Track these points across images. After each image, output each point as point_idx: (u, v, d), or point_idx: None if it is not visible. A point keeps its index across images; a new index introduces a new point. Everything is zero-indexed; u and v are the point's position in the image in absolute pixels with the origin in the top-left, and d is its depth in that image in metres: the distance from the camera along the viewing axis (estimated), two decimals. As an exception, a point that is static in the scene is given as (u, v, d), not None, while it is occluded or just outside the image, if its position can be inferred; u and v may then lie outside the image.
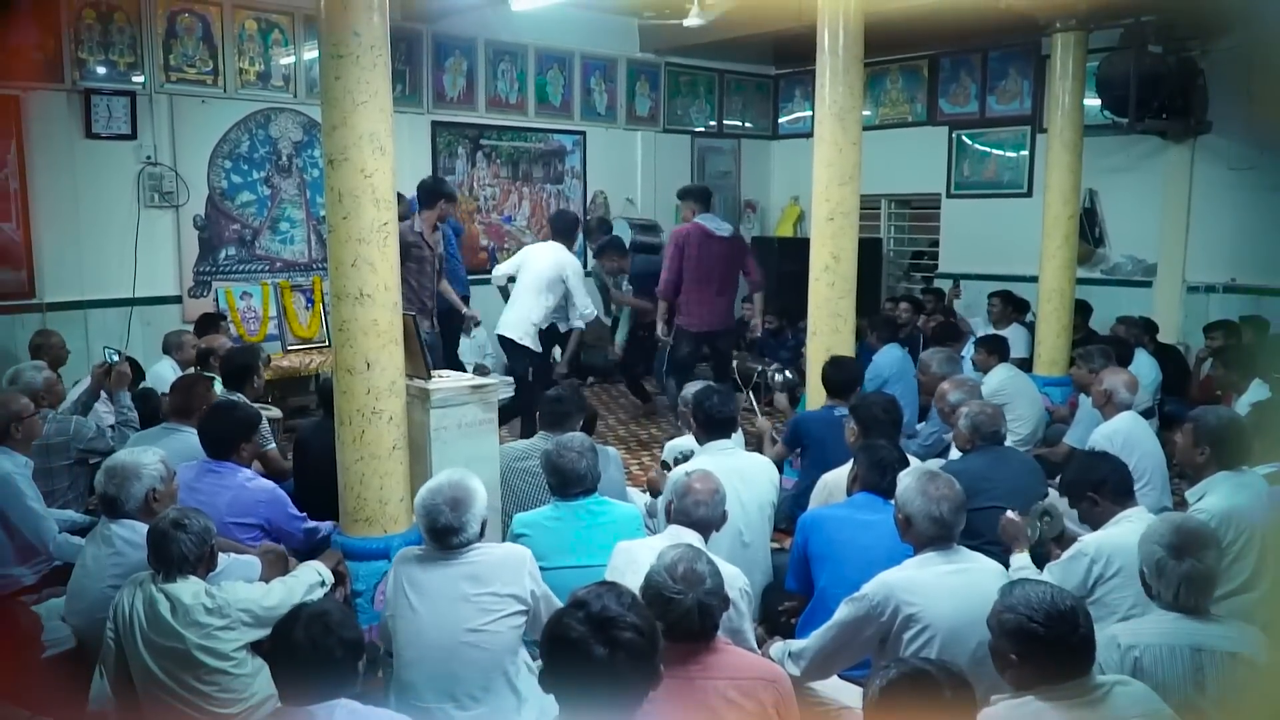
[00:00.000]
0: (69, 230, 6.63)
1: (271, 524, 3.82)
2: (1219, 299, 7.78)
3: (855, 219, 5.23)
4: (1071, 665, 2.21)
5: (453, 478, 2.95)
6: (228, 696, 2.83)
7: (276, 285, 7.44)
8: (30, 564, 3.83)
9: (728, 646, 2.47)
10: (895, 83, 9.87)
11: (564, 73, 9.22)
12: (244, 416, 3.96)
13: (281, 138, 7.59)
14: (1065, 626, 2.20)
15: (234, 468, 3.84)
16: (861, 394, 4.63)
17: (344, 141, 3.56)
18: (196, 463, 3.88)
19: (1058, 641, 2.20)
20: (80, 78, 6.61)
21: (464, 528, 2.87)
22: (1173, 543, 2.57)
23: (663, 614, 2.34)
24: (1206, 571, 2.56)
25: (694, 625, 2.37)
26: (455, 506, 2.86)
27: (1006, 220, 8.87)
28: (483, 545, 2.95)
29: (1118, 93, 7.49)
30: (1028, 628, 2.21)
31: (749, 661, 2.49)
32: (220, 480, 3.78)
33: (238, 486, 3.78)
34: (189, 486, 3.69)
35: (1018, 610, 2.24)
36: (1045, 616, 2.21)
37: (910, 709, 2.01)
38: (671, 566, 2.41)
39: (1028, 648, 2.22)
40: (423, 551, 2.97)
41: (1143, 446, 4.47)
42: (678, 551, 2.49)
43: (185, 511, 2.96)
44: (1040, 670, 2.21)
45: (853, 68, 5.05)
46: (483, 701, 2.78)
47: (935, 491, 2.83)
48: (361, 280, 3.61)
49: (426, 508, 2.88)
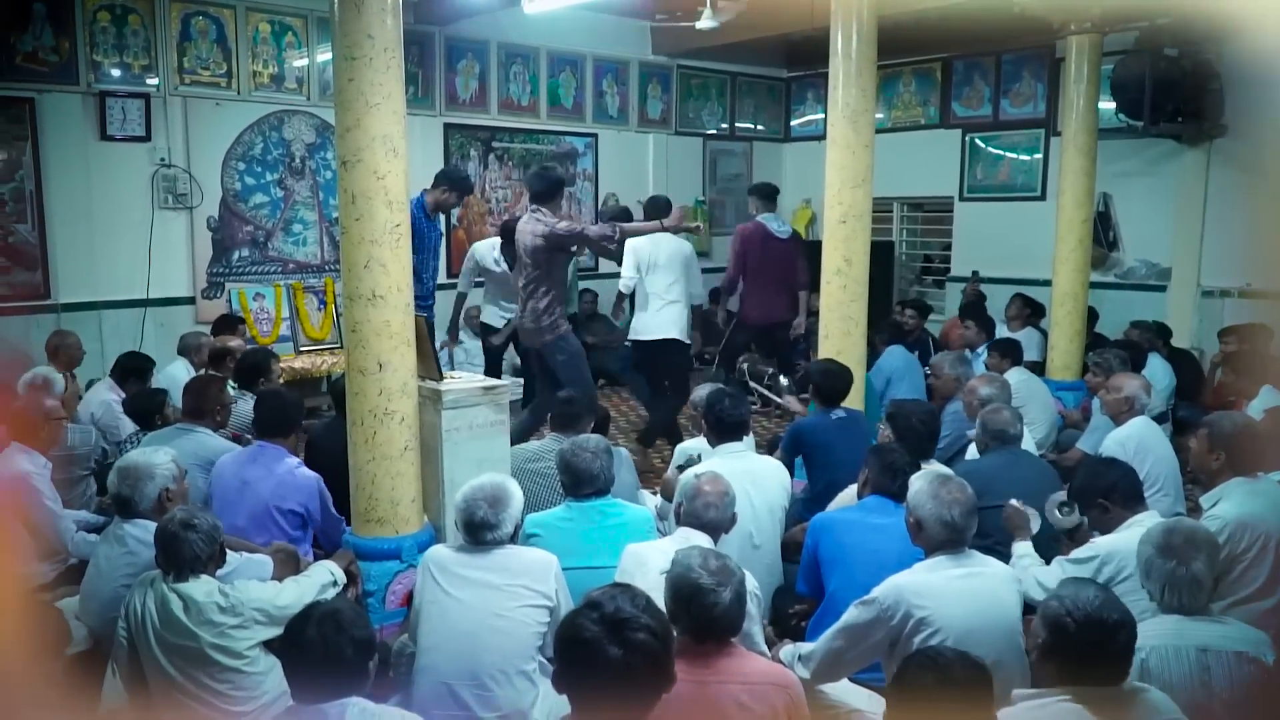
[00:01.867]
0: (83, 232, 6.68)
1: (310, 514, 3.92)
2: (1233, 303, 7.73)
3: (868, 222, 5.21)
4: (1097, 672, 2.22)
5: (494, 479, 3.07)
6: (241, 695, 2.85)
7: (289, 287, 7.47)
8: (48, 562, 3.85)
9: (739, 650, 2.46)
10: (908, 85, 9.85)
11: (576, 75, 9.24)
12: (295, 402, 4.15)
13: (295, 140, 7.62)
14: (1097, 634, 2.20)
15: (282, 453, 3.98)
16: (898, 401, 4.60)
17: (357, 143, 3.56)
18: (242, 451, 4.07)
19: (1086, 645, 2.20)
20: (95, 80, 6.65)
21: (499, 525, 2.96)
22: (1162, 544, 2.60)
23: (701, 609, 2.34)
24: (1192, 575, 2.56)
25: (732, 619, 2.37)
26: (493, 504, 2.96)
27: (1019, 224, 8.84)
28: (513, 547, 3.02)
29: (1132, 96, 7.47)
30: (1061, 620, 2.23)
31: (760, 666, 2.48)
32: (269, 466, 3.91)
33: (285, 472, 3.90)
34: (235, 473, 3.91)
35: (1063, 601, 2.26)
36: (1084, 618, 2.21)
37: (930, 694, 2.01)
38: (704, 561, 2.41)
39: (1055, 639, 2.24)
40: (455, 546, 3.05)
41: (1156, 452, 4.45)
42: (699, 550, 2.49)
43: (193, 511, 3.00)
44: (1063, 667, 2.22)
45: (866, 70, 5.04)
46: (502, 686, 2.81)
47: (947, 496, 2.82)
48: (374, 282, 3.62)
49: (466, 501, 2.98)
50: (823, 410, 4.67)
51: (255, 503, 3.83)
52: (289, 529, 3.86)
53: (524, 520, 3.26)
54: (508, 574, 2.92)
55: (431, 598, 2.93)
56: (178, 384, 5.11)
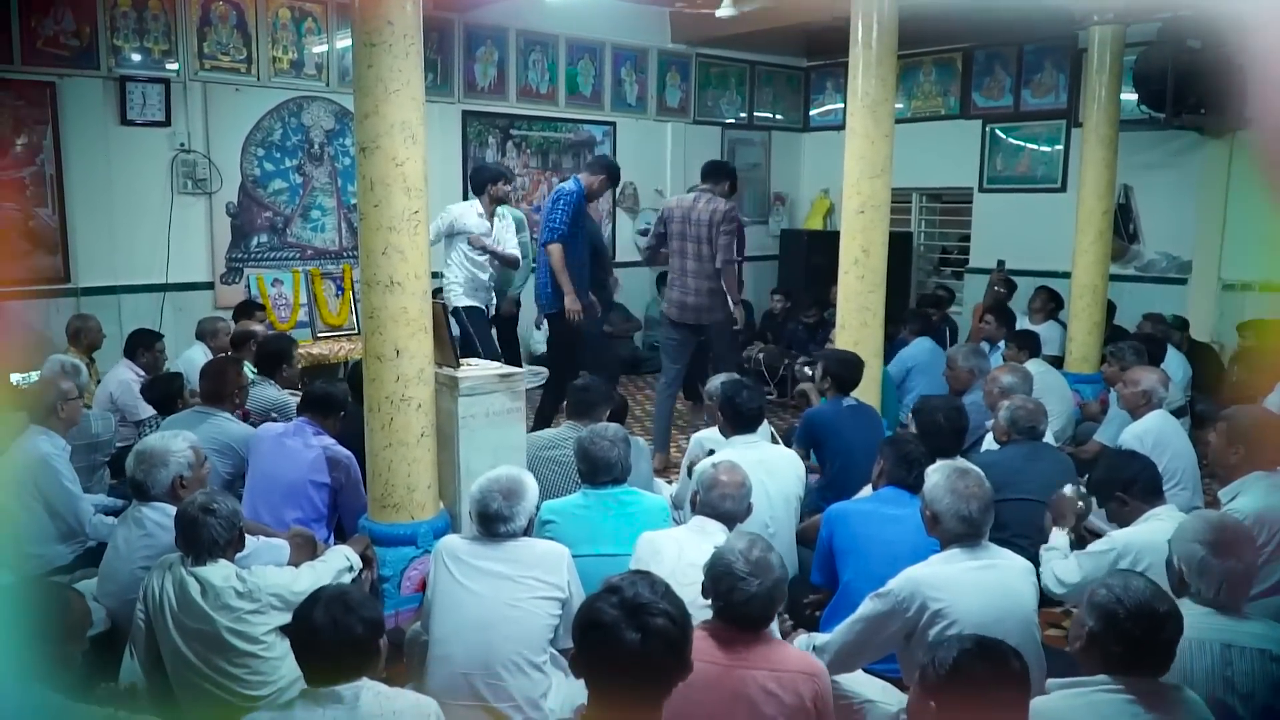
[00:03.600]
0: (103, 216, 6.71)
1: (343, 486, 4.02)
2: (1255, 297, 7.67)
3: (886, 212, 5.20)
4: (1143, 662, 2.21)
5: (510, 472, 3.08)
6: (256, 679, 2.87)
7: (307, 272, 7.49)
8: (68, 544, 3.88)
9: (770, 638, 2.46)
10: (928, 75, 9.79)
11: (595, 63, 9.21)
12: (341, 393, 4.26)
13: (314, 126, 7.63)
14: (1147, 624, 2.19)
15: (320, 430, 4.09)
16: (926, 396, 4.61)
17: (376, 130, 3.57)
18: (293, 421, 4.19)
19: (1136, 634, 2.19)
20: (115, 65, 6.67)
21: (513, 518, 2.97)
22: (1215, 540, 2.55)
23: (728, 593, 2.35)
24: (1247, 570, 2.55)
25: (755, 612, 2.38)
26: (508, 496, 2.98)
27: (1039, 215, 8.78)
28: (526, 539, 3.04)
29: (1155, 87, 7.40)
30: (1112, 608, 2.21)
31: (790, 654, 2.48)
32: (307, 440, 4.03)
33: (322, 448, 4.02)
34: (276, 443, 4.04)
35: (1113, 590, 2.24)
36: (1135, 605, 2.20)
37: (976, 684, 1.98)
38: (747, 549, 2.42)
39: (1104, 626, 2.22)
40: (469, 537, 3.07)
41: (1174, 446, 4.42)
42: (750, 538, 2.49)
43: (213, 495, 3.00)
44: (1108, 655, 2.21)
45: (886, 60, 5.02)
46: (515, 676, 2.82)
47: (965, 489, 2.79)
48: (392, 268, 3.64)
49: (481, 493, 3.00)
50: (834, 398, 4.70)
51: (293, 474, 3.91)
52: (319, 504, 3.95)
53: (540, 508, 3.28)
54: (520, 565, 2.93)
55: (445, 588, 2.94)
56: (195, 368, 5.14)
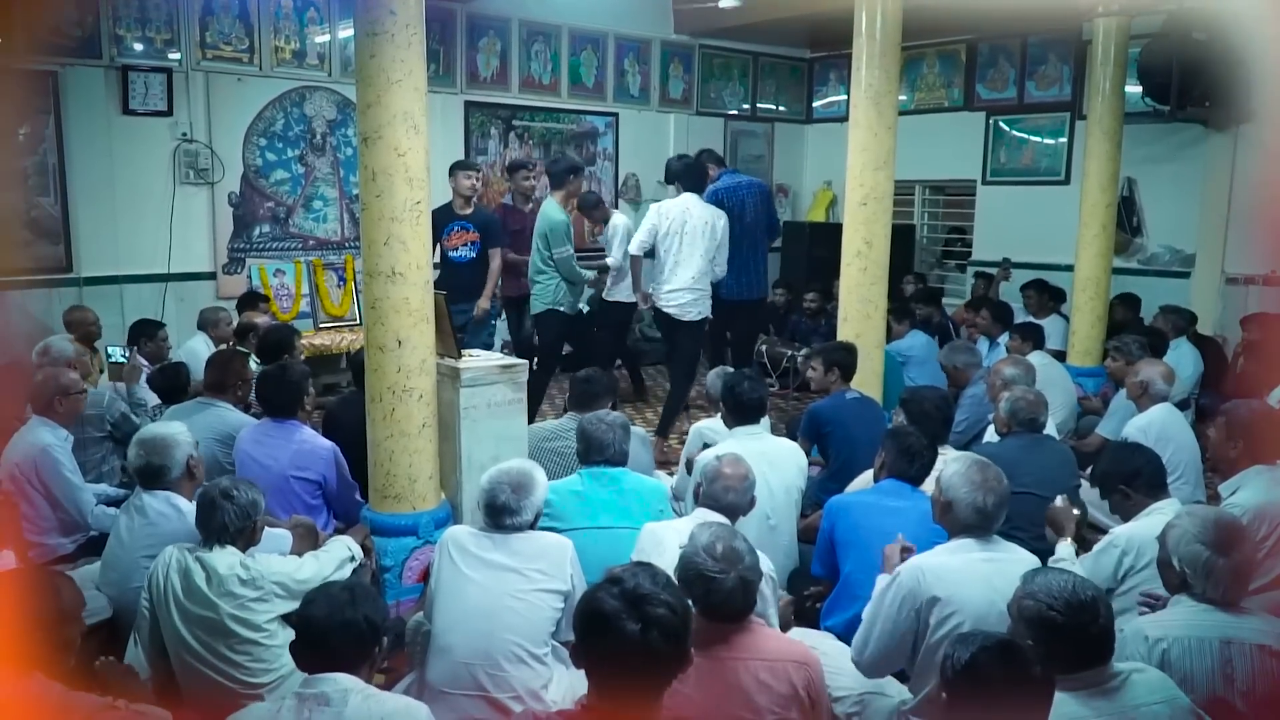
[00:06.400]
0: (105, 205, 6.70)
1: (328, 481, 3.97)
2: (1258, 291, 7.65)
3: (889, 204, 5.19)
4: (1089, 655, 2.20)
5: (521, 465, 3.08)
6: (259, 667, 2.88)
7: (309, 263, 7.49)
8: (70, 535, 3.89)
9: (758, 628, 2.47)
10: (932, 67, 9.76)
11: (597, 54, 9.19)
12: (297, 376, 4.13)
13: (316, 116, 7.62)
14: (1085, 616, 2.18)
15: (297, 425, 4.03)
16: (913, 387, 4.61)
17: (378, 120, 3.56)
18: (259, 424, 4.08)
19: (1077, 630, 2.18)
20: (118, 54, 6.66)
21: (520, 511, 2.97)
22: (1216, 540, 2.53)
23: (705, 594, 2.36)
24: (1248, 564, 2.55)
25: (737, 603, 2.39)
26: (517, 489, 2.97)
27: (1043, 208, 8.78)
28: (531, 533, 3.03)
29: (1159, 80, 7.37)
30: (1047, 615, 2.19)
31: (780, 643, 2.49)
32: (284, 436, 3.97)
33: (300, 442, 3.96)
34: (254, 444, 3.96)
35: (1038, 598, 2.22)
36: (1065, 605, 2.18)
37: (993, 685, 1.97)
38: (710, 546, 2.42)
39: (1045, 635, 2.19)
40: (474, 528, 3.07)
41: (1177, 439, 4.43)
42: (711, 531, 2.49)
43: (238, 483, 3.01)
44: (1056, 659, 2.18)
45: (889, 51, 5.00)
46: (516, 666, 2.83)
47: (984, 482, 2.77)
48: (393, 258, 3.63)
49: (491, 484, 3.00)
50: (838, 390, 4.70)
51: (275, 473, 3.87)
52: (307, 498, 3.92)
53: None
54: (524, 557, 2.93)
55: (448, 577, 2.94)
56: (198, 358, 5.14)
